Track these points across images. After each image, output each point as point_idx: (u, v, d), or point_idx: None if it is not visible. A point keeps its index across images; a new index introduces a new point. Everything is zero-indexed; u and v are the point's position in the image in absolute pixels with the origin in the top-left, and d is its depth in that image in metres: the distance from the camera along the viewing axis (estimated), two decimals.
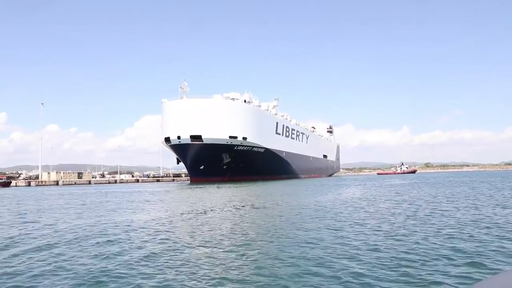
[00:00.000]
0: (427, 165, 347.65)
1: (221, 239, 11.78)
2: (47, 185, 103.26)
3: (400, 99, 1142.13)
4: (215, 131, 77.16)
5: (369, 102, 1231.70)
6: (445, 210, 18.25)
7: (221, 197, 32.34)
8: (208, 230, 13.63)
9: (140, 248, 10.71)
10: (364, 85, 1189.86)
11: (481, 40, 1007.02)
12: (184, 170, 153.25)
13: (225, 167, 79.71)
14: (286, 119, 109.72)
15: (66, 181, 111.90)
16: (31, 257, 9.82)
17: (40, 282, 7.65)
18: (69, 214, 21.01)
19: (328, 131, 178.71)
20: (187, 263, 8.87)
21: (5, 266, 8.97)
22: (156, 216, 18.58)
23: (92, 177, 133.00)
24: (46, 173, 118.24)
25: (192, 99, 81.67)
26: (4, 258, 9.82)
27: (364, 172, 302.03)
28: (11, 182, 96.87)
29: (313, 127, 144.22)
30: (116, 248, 10.76)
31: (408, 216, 16.41)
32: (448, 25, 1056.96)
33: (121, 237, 12.55)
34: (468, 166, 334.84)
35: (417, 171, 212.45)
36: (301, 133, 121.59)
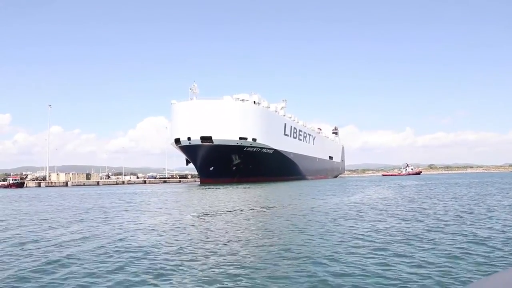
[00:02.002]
0: (431, 167, 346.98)
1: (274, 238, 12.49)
2: (57, 186, 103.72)
3: (403, 100, 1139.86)
4: (225, 132, 77.36)
5: (372, 103, 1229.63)
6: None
7: (252, 197, 32.76)
8: (265, 228, 14.40)
9: (213, 241, 11.46)
10: (367, 86, 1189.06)
11: (484, 41, 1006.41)
12: (189, 171, 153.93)
13: (234, 168, 79.89)
14: (294, 120, 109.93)
15: (75, 182, 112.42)
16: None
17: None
18: (140, 212, 21.64)
19: (333, 133, 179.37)
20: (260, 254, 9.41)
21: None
22: (205, 213, 19.72)
23: (100, 178, 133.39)
24: (55, 174, 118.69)
25: (202, 100, 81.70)
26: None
27: (368, 173, 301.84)
28: (24, 183, 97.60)
29: (319, 128, 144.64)
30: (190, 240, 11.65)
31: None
32: (451, 26, 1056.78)
33: (189, 230, 13.62)
34: (472, 167, 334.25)
35: (422, 173, 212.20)
36: (308, 134, 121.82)
